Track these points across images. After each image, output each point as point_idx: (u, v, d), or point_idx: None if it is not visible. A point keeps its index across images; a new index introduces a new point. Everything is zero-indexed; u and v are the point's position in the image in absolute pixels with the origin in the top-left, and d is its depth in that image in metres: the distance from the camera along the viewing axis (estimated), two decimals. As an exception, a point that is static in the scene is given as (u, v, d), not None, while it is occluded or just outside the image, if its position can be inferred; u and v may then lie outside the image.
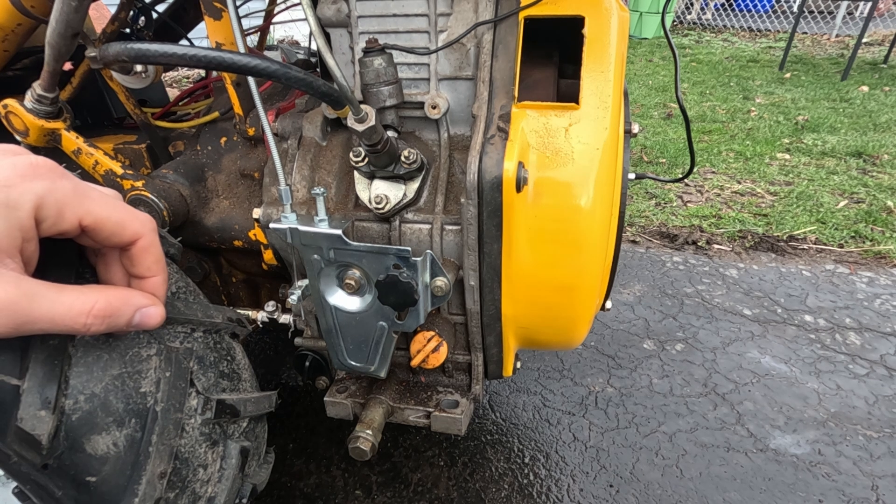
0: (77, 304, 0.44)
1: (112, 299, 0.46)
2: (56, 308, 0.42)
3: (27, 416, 0.58)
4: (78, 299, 0.44)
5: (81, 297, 0.44)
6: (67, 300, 0.43)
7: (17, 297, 0.39)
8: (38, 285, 0.41)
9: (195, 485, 0.75)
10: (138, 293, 0.50)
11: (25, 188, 0.40)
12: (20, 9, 0.92)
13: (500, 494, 1.40)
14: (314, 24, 0.72)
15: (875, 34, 6.99)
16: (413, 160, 0.82)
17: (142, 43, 0.59)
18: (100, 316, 0.45)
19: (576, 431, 1.58)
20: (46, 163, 0.42)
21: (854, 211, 2.75)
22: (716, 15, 8.47)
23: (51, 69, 0.85)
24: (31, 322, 0.41)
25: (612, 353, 1.88)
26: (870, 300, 2.14)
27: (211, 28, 0.96)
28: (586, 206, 0.82)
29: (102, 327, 0.46)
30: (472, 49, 0.86)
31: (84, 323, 0.44)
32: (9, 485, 0.73)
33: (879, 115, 4.14)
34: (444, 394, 1.02)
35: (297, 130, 0.97)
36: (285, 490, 1.42)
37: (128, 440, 0.67)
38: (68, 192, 0.42)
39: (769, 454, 1.50)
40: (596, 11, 0.81)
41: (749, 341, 1.93)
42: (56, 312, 0.42)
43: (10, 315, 0.39)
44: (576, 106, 0.82)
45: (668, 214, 2.80)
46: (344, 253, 0.79)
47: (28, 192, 0.40)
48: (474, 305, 0.90)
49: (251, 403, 0.86)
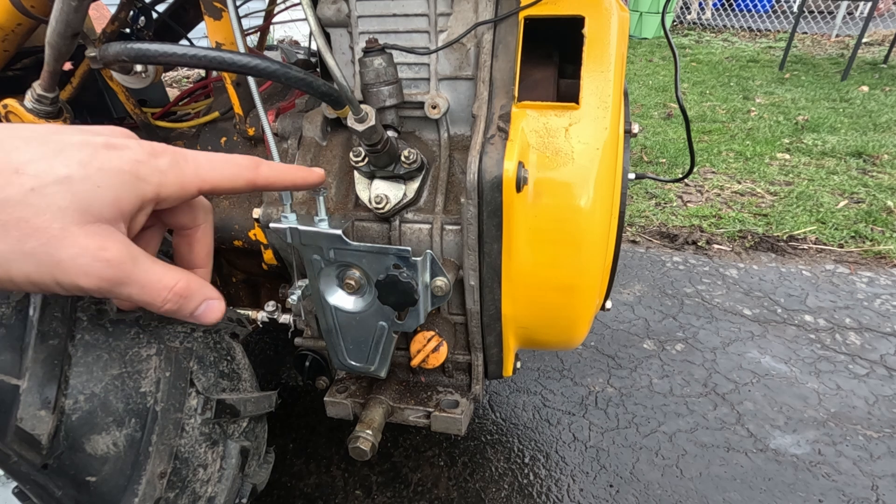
0: (165, 278, 0.46)
1: (191, 282, 0.48)
2: (149, 276, 0.45)
3: (27, 415, 0.58)
4: (166, 274, 0.46)
5: (169, 273, 0.47)
6: (159, 271, 0.46)
7: (126, 257, 0.43)
8: (140, 251, 0.45)
9: (195, 485, 0.75)
10: (210, 285, 0.52)
11: (154, 164, 0.44)
12: (20, 9, 0.92)
13: (500, 494, 1.40)
14: (314, 24, 0.72)
15: (875, 34, 6.99)
16: (413, 160, 0.82)
17: (142, 43, 0.59)
18: (178, 295, 0.47)
19: (576, 431, 1.58)
20: (165, 146, 0.47)
21: (854, 211, 2.75)
22: (716, 15, 8.47)
23: (51, 69, 0.85)
24: (127, 283, 0.44)
25: (612, 353, 1.88)
26: (870, 300, 2.14)
27: (211, 28, 0.96)
28: (586, 206, 0.82)
29: (174, 307, 0.48)
30: (472, 49, 0.86)
31: (164, 298, 0.46)
32: (9, 485, 0.73)
33: (879, 115, 4.14)
34: (444, 394, 1.02)
35: (297, 130, 0.97)
36: (285, 490, 1.42)
37: (128, 440, 0.67)
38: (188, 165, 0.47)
39: (769, 454, 1.50)
40: (596, 11, 0.81)
41: (749, 341, 1.93)
42: (148, 280, 0.45)
43: (116, 271, 0.42)
44: (576, 106, 0.82)
45: (668, 214, 2.80)
46: (344, 253, 0.79)
47: (156, 168, 0.44)
48: (474, 305, 0.90)
49: (251, 403, 0.86)
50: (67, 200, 0.39)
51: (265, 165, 0.54)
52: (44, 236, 0.39)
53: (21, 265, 0.39)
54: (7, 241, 0.38)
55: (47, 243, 0.39)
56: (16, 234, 0.38)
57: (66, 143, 0.41)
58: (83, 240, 0.40)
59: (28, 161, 0.39)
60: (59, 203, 0.39)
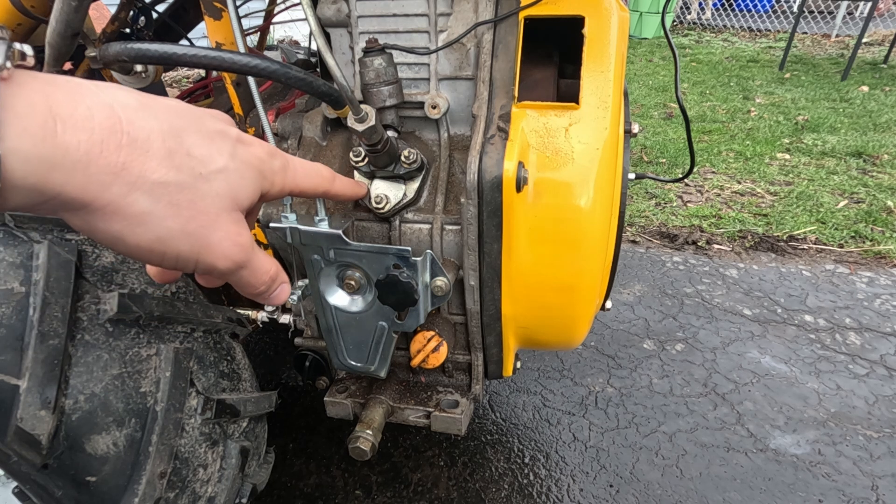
0: (266, 264, 0.50)
1: (279, 269, 0.52)
2: (261, 262, 0.49)
3: (27, 416, 0.58)
4: (267, 260, 0.50)
5: (268, 259, 0.50)
6: (265, 258, 0.50)
7: (251, 243, 0.47)
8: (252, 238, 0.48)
9: (195, 485, 0.75)
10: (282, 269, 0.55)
11: (272, 164, 0.49)
12: (20, 9, 0.92)
13: (500, 494, 1.40)
14: (314, 24, 0.72)
15: (875, 34, 6.98)
16: (413, 160, 0.82)
17: (142, 43, 0.59)
18: (272, 279, 0.51)
19: (576, 431, 1.58)
20: (276, 148, 0.51)
21: (854, 211, 2.75)
22: (716, 15, 8.47)
23: (51, 69, 0.85)
24: (247, 267, 0.47)
25: (612, 353, 1.88)
26: (870, 300, 2.14)
27: (211, 28, 0.96)
28: (586, 206, 0.82)
29: (266, 289, 0.51)
30: (472, 49, 0.86)
31: (264, 282, 0.50)
32: (9, 485, 0.73)
33: (879, 115, 4.14)
34: (444, 394, 1.02)
35: (297, 130, 0.97)
36: (285, 490, 1.42)
37: (128, 440, 0.67)
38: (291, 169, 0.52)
39: (769, 454, 1.50)
40: (596, 11, 0.81)
41: (749, 341, 1.93)
42: (260, 265, 0.48)
43: (245, 256, 0.46)
44: (576, 106, 0.82)
45: (668, 214, 2.80)
46: (344, 253, 0.79)
47: (272, 168, 0.48)
48: (474, 305, 0.90)
49: (251, 403, 0.86)
50: (224, 189, 0.43)
51: (339, 179, 0.61)
52: (205, 219, 0.42)
53: (179, 243, 0.41)
54: (178, 220, 0.40)
55: (205, 226, 0.42)
56: (186, 215, 0.41)
57: (215, 130, 0.44)
58: (229, 226, 0.44)
59: (194, 145, 0.42)
60: (218, 190, 0.43)
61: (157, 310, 0.73)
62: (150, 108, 0.40)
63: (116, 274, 0.73)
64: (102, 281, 0.71)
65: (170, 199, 0.40)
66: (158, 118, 0.40)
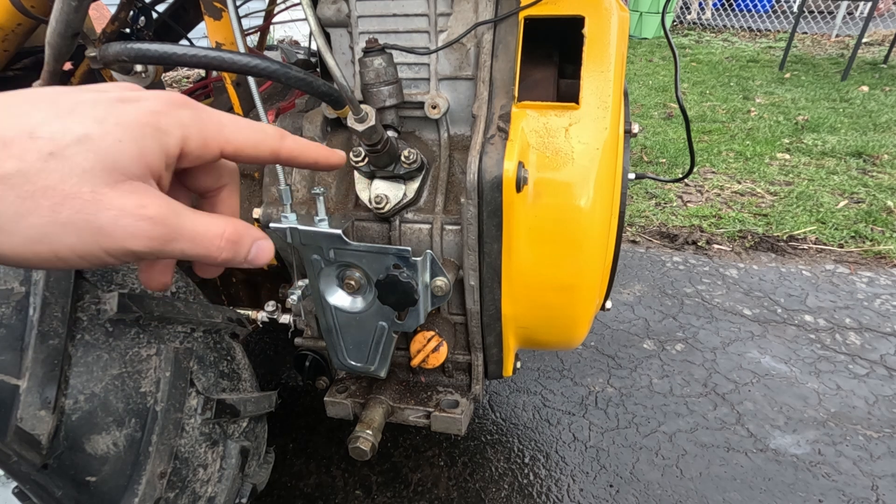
0: (212, 227, 0.43)
1: (238, 226, 0.45)
2: (197, 228, 0.42)
3: (27, 415, 0.58)
4: (212, 222, 0.44)
5: (214, 221, 0.44)
6: (205, 221, 0.43)
7: (169, 211, 0.40)
8: (179, 204, 0.42)
9: (195, 485, 0.75)
10: (252, 226, 0.49)
11: (175, 116, 0.41)
12: (20, 9, 0.92)
13: (500, 494, 1.40)
14: (314, 24, 0.72)
15: (875, 34, 6.98)
16: (413, 160, 0.82)
17: (142, 43, 0.58)
18: (230, 241, 0.44)
19: (576, 431, 1.58)
20: (184, 98, 0.44)
21: (854, 211, 2.75)
22: (716, 15, 8.47)
23: (51, 69, 0.85)
24: (178, 238, 0.41)
25: (612, 353, 1.88)
26: (870, 300, 2.14)
27: (211, 28, 0.96)
28: (586, 206, 0.82)
29: (231, 255, 0.45)
30: (472, 49, 0.86)
31: (218, 246, 0.44)
32: (9, 485, 0.73)
33: (879, 115, 4.14)
34: (444, 394, 1.02)
35: (297, 130, 0.97)
36: (285, 490, 1.42)
37: (128, 440, 0.67)
38: (211, 121, 0.44)
39: (769, 454, 1.50)
40: (596, 11, 0.81)
41: (749, 341, 1.93)
42: (196, 232, 0.42)
43: (162, 228, 0.40)
44: (576, 106, 0.82)
45: (668, 214, 2.80)
46: (344, 253, 0.79)
47: (177, 120, 0.41)
48: (474, 305, 0.90)
49: (251, 403, 0.86)
50: (91, 161, 0.36)
51: (290, 138, 0.51)
52: (76, 203, 0.36)
53: (62, 238, 0.36)
54: (40, 214, 0.35)
55: (82, 210, 0.36)
56: (46, 205, 0.35)
57: (76, 101, 0.38)
58: (118, 200, 0.37)
59: (40, 123, 0.36)
60: (83, 165, 0.36)
61: (157, 310, 0.73)
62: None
63: (116, 274, 0.73)
64: (102, 281, 0.71)
65: (18, 194, 0.35)
66: (4, 111, 0.36)
